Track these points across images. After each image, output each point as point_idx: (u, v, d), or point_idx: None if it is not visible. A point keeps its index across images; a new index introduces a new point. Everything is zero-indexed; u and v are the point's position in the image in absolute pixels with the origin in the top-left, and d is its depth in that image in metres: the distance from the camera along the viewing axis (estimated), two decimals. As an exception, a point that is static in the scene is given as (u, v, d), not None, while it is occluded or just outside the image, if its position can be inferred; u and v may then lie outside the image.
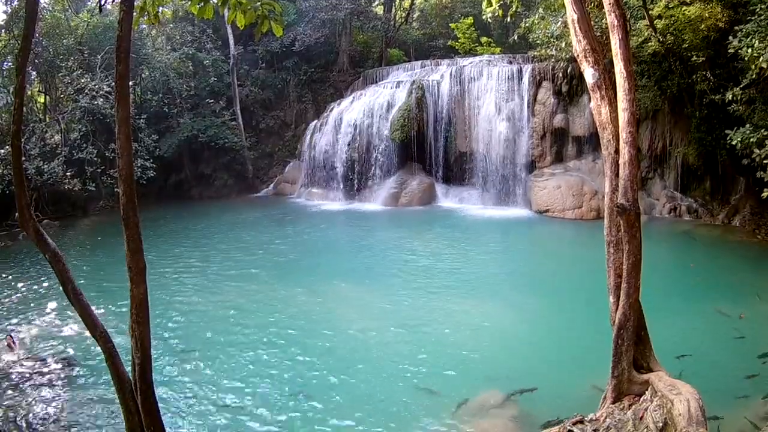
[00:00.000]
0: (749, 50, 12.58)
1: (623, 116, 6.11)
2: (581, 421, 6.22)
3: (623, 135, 6.10)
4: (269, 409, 7.94)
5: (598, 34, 11.06)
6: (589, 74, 6.52)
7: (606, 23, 6.55)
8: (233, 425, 7.59)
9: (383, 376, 8.92)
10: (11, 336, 10.30)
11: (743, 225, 18.31)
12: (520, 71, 24.32)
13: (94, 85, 24.10)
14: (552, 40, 20.96)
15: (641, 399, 5.97)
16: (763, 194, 13.03)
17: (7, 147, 18.32)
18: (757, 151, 13.12)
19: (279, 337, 10.53)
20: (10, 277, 15.20)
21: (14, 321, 11.68)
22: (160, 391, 6.97)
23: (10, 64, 24.31)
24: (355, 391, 8.46)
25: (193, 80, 29.55)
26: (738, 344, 9.62)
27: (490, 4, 9.24)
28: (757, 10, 13.30)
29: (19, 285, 14.39)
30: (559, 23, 19.69)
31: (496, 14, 10.36)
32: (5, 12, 23.93)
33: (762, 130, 13.23)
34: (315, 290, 13.22)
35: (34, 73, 26.31)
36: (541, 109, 23.67)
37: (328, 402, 8.11)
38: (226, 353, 9.85)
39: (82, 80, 24.16)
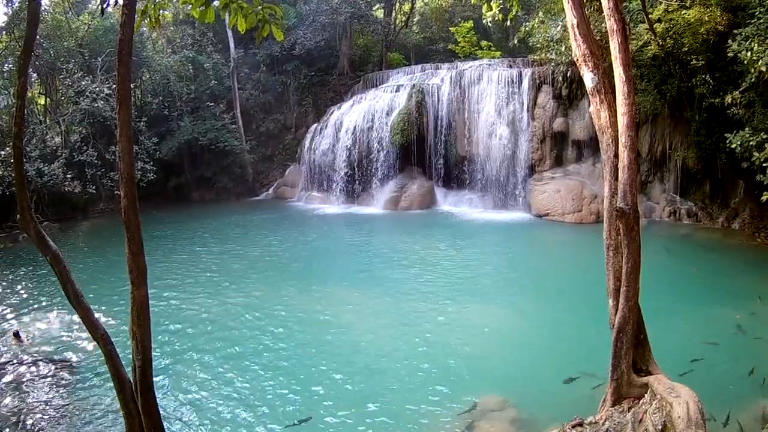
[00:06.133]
0: (748, 53, 12.63)
1: (622, 120, 6.13)
2: (581, 424, 6.23)
3: (623, 139, 6.12)
4: (269, 412, 7.95)
5: (598, 38, 11.09)
6: (589, 78, 6.54)
7: (606, 27, 6.58)
8: (233, 427, 7.59)
9: (384, 379, 8.92)
10: (18, 331, 10.55)
11: (743, 228, 18.33)
12: (520, 75, 24.38)
13: (95, 88, 24.14)
14: (552, 44, 21.02)
15: (640, 402, 5.97)
16: (762, 197, 13.06)
17: (8, 149, 18.35)
18: (756, 154, 13.15)
19: (279, 341, 10.54)
20: (10, 278, 15.21)
21: (15, 322, 11.68)
22: (160, 394, 6.98)
23: (11, 65, 24.37)
24: (355, 394, 8.46)
25: (194, 83, 29.59)
26: (739, 346, 9.65)
27: (490, 8, 9.27)
28: (756, 13, 13.35)
29: (20, 286, 14.41)
30: (559, 27, 19.76)
31: (496, 18, 10.40)
32: (6, 14, 23.99)
33: (761, 133, 13.27)
34: (315, 294, 13.22)
35: (35, 75, 26.39)
36: (541, 113, 23.71)
37: (328, 406, 8.11)
38: (227, 356, 9.86)
39: (83, 82, 24.20)
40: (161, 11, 6.32)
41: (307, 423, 7.60)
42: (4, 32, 23.93)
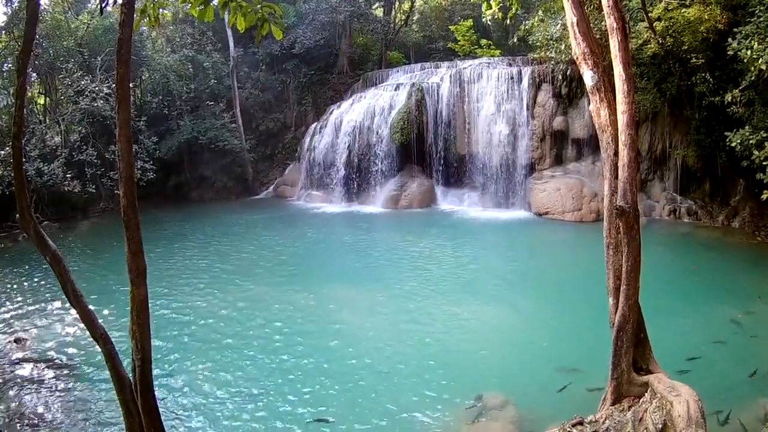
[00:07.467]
0: (748, 52, 12.61)
1: (622, 118, 6.12)
2: (581, 423, 6.22)
3: (622, 137, 6.11)
4: (269, 412, 7.95)
5: (598, 36, 11.08)
6: (589, 77, 6.53)
7: (605, 25, 6.57)
8: (233, 427, 7.59)
9: (384, 379, 8.92)
10: (17, 335, 10.59)
11: (743, 227, 18.33)
12: (519, 73, 24.34)
13: (95, 87, 24.10)
14: (551, 42, 20.99)
15: (641, 400, 5.97)
16: (762, 196, 13.04)
17: (8, 148, 18.33)
18: (756, 152, 13.14)
19: (280, 340, 10.54)
20: (10, 278, 15.20)
21: (15, 322, 11.68)
22: (160, 393, 6.97)
23: (10, 65, 24.33)
24: (355, 393, 8.47)
25: (193, 82, 29.54)
26: (740, 344, 9.64)
27: (489, 6, 9.24)
28: (756, 11, 13.34)
29: (20, 286, 14.39)
30: (559, 26, 19.74)
31: (496, 16, 10.43)
32: (5, 14, 23.96)
33: (761, 132, 13.26)
34: (315, 293, 13.21)
35: (35, 74, 26.31)
36: (541, 112, 23.69)
37: (329, 405, 8.11)
38: (227, 356, 9.86)
39: (83, 82, 24.15)
40: (160, 10, 6.31)
41: (321, 423, 7.61)
42: (3, 32, 23.88)
